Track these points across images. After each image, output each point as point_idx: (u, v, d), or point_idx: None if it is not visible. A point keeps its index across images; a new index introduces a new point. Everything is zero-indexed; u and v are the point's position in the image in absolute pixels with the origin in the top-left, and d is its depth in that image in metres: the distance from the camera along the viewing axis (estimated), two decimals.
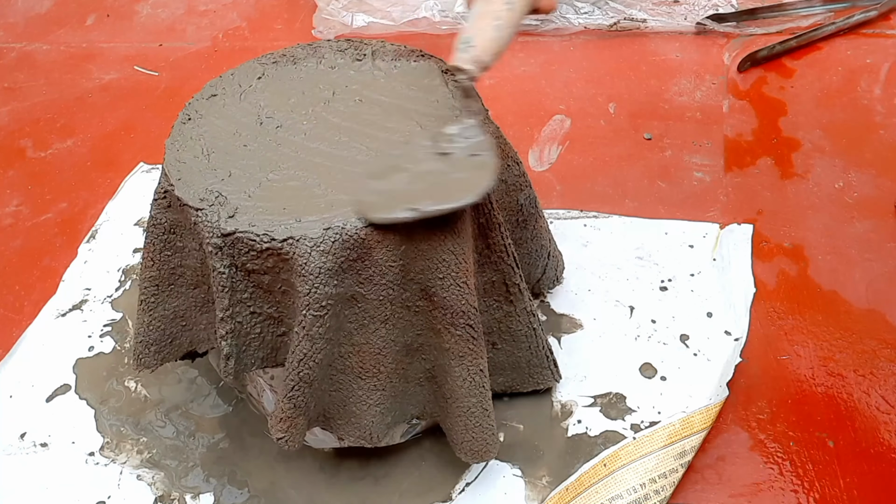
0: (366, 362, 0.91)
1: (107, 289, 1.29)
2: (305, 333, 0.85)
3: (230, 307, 0.87)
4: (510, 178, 1.03)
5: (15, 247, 1.40)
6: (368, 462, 1.06)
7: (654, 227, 1.30)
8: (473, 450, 0.96)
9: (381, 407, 0.94)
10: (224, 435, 1.11)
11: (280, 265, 0.84)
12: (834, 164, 1.40)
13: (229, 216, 0.84)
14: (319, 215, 0.83)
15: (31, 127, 1.66)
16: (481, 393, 0.93)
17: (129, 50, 1.86)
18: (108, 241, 1.37)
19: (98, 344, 1.22)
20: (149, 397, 1.15)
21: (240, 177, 0.88)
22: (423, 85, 0.97)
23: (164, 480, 1.06)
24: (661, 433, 1.02)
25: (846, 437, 1.04)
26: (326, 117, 0.94)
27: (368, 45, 1.04)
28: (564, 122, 1.55)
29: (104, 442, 1.10)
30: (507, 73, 1.67)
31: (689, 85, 1.60)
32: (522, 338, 1.03)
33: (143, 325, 0.97)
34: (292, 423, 0.90)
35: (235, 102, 0.97)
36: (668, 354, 1.13)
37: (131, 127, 1.64)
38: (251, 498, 1.04)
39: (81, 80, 1.79)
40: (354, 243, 0.82)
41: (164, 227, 0.92)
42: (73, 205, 1.47)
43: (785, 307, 1.19)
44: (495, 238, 0.94)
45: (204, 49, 1.85)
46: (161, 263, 0.94)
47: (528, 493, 1.02)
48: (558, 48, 1.74)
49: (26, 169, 1.57)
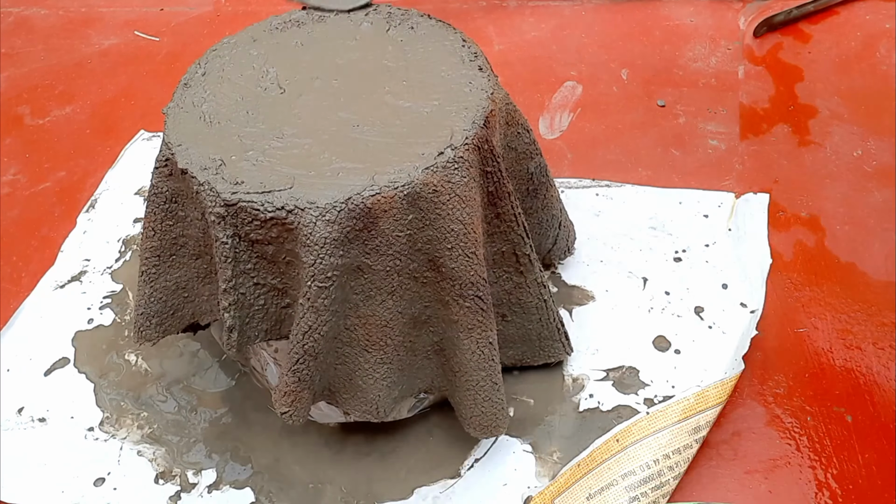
0: (372, 335, 0.89)
1: (106, 260, 1.27)
2: (310, 305, 0.83)
3: (233, 278, 0.85)
4: (520, 145, 1.00)
5: (12, 216, 1.38)
6: (375, 438, 1.04)
7: (668, 197, 1.28)
8: (482, 424, 0.95)
9: (388, 381, 0.92)
10: (227, 410, 1.09)
11: (284, 235, 0.82)
12: (852, 132, 1.37)
13: (232, 185, 0.82)
14: (325, 183, 0.81)
15: (28, 94, 1.64)
16: (490, 366, 0.92)
17: (129, 14, 1.83)
18: (108, 210, 1.35)
19: (98, 316, 1.20)
20: (150, 371, 1.13)
21: (243, 144, 0.86)
22: (433, 47, 0.95)
23: (165, 456, 1.05)
24: (676, 408, 1.00)
25: (864, 412, 1.02)
26: (331, 82, 0.92)
27: (381, 10, 1.01)
28: (576, 88, 1.53)
29: (104, 417, 1.09)
30: (518, 38, 1.64)
31: (704, 50, 1.58)
32: (533, 310, 1.01)
33: (145, 297, 0.96)
34: (297, 398, 0.89)
35: (238, 68, 0.95)
36: (682, 327, 1.11)
37: (131, 93, 1.62)
38: (254, 474, 1.03)
39: (80, 45, 1.76)
40: (361, 213, 0.80)
41: (165, 196, 0.90)
42: (72, 173, 1.45)
43: (801, 278, 1.17)
44: (505, 207, 0.92)
45: (206, 13, 1.82)
46: (162, 233, 0.92)
47: (538, 470, 1.00)
48: (569, 12, 1.71)
49: (24, 137, 1.54)
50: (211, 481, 1.02)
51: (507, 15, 1.71)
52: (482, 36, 1.64)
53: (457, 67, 0.93)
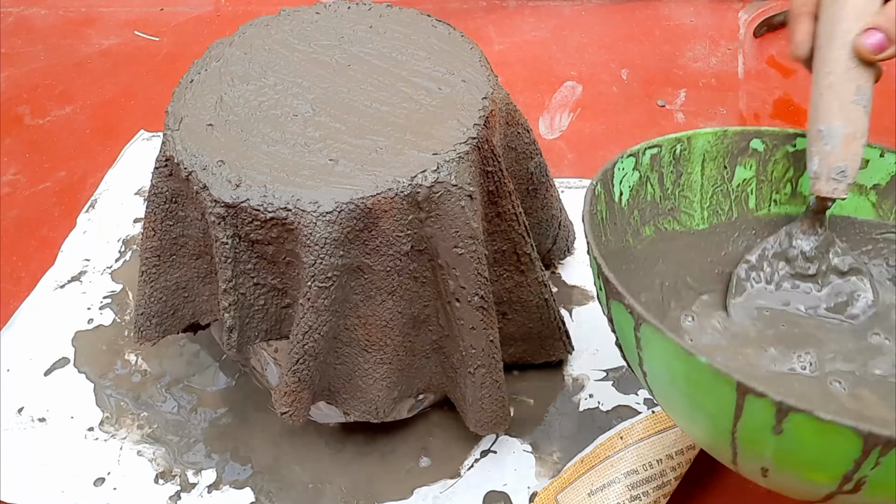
0: (372, 335, 0.89)
1: (106, 260, 1.27)
2: (311, 305, 0.83)
3: (233, 278, 0.85)
4: (520, 145, 1.00)
5: (12, 216, 1.38)
6: (375, 437, 1.04)
7: None
8: (484, 421, 0.95)
9: (388, 381, 0.92)
10: (227, 410, 1.09)
11: (285, 235, 0.82)
12: None
13: (232, 185, 0.82)
14: (326, 183, 0.81)
15: (28, 94, 1.64)
16: (492, 364, 0.92)
17: (129, 14, 1.83)
18: (108, 210, 1.35)
19: (98, 316, 1.20)
20: (150, 371, 1.13)
21: (243, 144, 0.86)
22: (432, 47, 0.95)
23: (165, 456, 1.04)
24: None
25: None
26: (335, 82, 0.92)
27: (379, 8, 1.01)
28: (576, 88, 1.53)
29: (104, 417, 1.08)
30: (517, 38, 1.64)
31: (704, 51, 1.58)
32: (534, 308, 1.01)
33: (145, 297, 0.95)
34: (297, 397, 0.88)
35: (240, 66, 0.95)
36: None
37: (131, 94, 1.62)
38: (254, 474, 1.02)
39: (80, 45, 1.76)
40: (361, 213, 0.80)
41: (165, 196, 0.90)
42: (72, 173, 1.45)
43: None
44: (506, 206, 0.92)
45: (206, 13, 1.82)
46: (162, 233, 0.92)
47: (538, 469, 1.00)
48: (569, 13, 1.71)
49: (24, 137, 1.54)
50: (211, 481, 1.02)
51: (507, 15, 1.71)
52: (482, 36, 1.64)
53: (457, 67, 0.93)
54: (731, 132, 0.91)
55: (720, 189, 0.91)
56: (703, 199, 0.91)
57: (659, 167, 0.88)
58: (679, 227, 0.90)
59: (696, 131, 0.90)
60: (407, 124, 0.87)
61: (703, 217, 0.91)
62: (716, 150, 0.91)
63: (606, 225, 0.82)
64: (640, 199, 0.87)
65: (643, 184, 0.87)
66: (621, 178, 0.84)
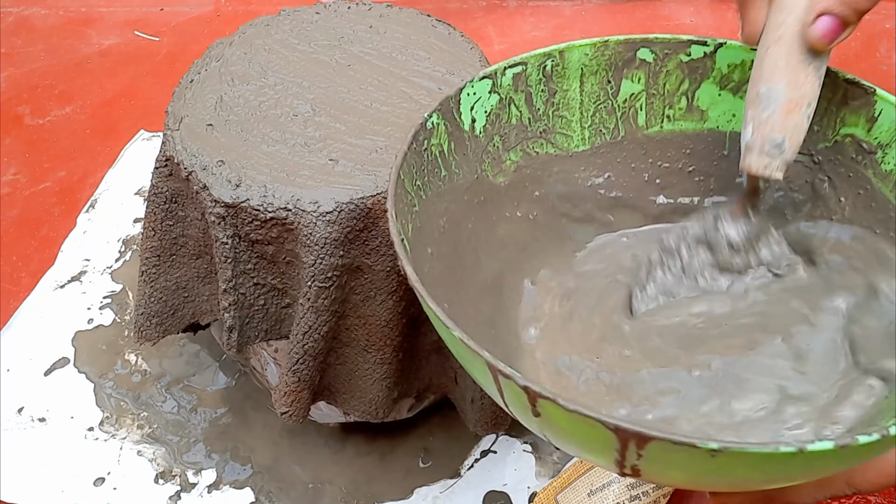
0: (372, 335, 0.89)
1: (106, 259, 1.27)
2: (311, 305, 0.83)
3: (233, 278, 0.85)
4: None
5: (12, 216, 1.38)
6: (375, 438, 1.04)
7: None
8: (484, 421, 0.94)
9: (388, 381, 0.92)
10: (227, 409, 1.09)
11: (285, 235, 0.82)
12: None
13: (232, 185, 0.81)
14: (326, 183, 0.81)
15: (28, 93, 1.64)
16: None
17: (129, 14, 1.83)
18: (108, 210, 1.35)
19: (98, 316, 1.20)
20: (150, 371, 1.13)
21: (243, 143, 0.85)
22: (432, 47, 0.95)
23: (165, 456, 1.04)
24: None
25: None
26: (335, 82, 0.92)
27: (379, 8, 1.01)
28: None
29: (104, 417, 1.09)
30: (518, 38, 1.64)
31: None
32: None
33: (145, 297, 0.95)
34: (297, 397, 0.88)
35: (240, 66, 0.94)
36: None
37: (131, 93, 1.62)
38: (254, 474, 1.02)
39: (80, 45, 1.75)
40: (361, 213, 0.80)
41: (165, 195, 0.90)
42: (72, 173, 1.45)
43: None
44: None
45: (206, 13, 1.82)
46: (162, 233, 0.92)
47: (538, 469, 1.00)
48: (570, 13, 1.70)
49: (24, 136, 1.54)
50: (211, 481, 1.02)
51: (507, 15, 1.71)
52: (482, 36, 1.64)
53: (457, 67, 0.93)
54: (614, 41, 0.79)
55: (603, 106, 0.80)
56: (584, 118, 0.80)
57: (525, 86, 0.78)
58: (554, 150, 0.80)
59: (570, 43, 0.79)
60: (407, 124, 0.87)
61: (584, 137, 0.81)
62: (596, 64, 0.79)
63: (451, 157, 0.74)
64: (503, 123, 0.78)
65: (505, 106, 0.77)
66: (472, 103, 0.75)
